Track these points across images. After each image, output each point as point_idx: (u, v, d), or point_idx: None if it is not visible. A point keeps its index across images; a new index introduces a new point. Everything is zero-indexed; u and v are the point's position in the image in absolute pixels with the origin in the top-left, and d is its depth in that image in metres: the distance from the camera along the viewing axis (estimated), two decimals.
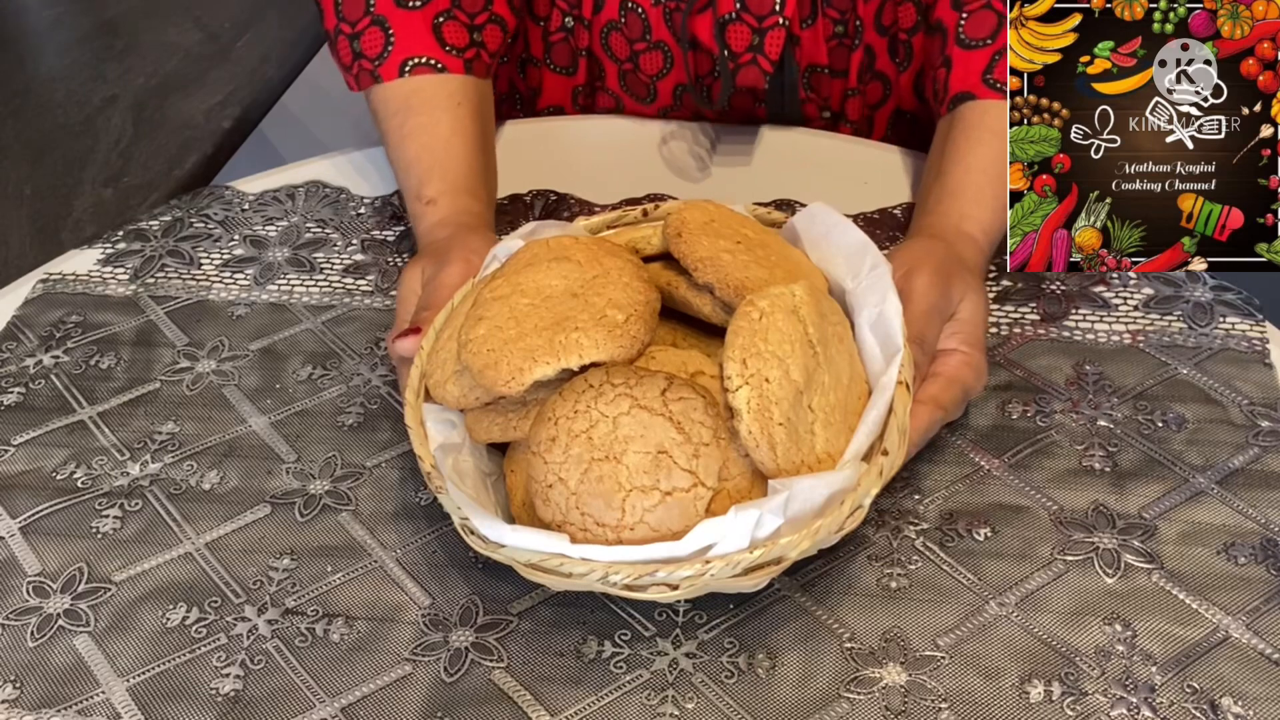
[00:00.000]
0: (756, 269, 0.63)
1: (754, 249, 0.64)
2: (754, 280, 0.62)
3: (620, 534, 0.57)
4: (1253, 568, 0.62)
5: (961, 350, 0.67)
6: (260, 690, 0.60)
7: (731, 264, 0.63)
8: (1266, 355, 0.72)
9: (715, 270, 0.63)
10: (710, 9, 0.87)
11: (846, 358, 0.63)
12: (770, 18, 0.86)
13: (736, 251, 0.64)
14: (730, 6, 0.86)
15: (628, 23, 0.90)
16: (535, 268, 0.64)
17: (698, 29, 0.89)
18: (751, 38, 0.87)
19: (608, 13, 0.91)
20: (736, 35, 0.88)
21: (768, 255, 0.65)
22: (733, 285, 0.62)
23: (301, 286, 0.83)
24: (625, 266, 0.64)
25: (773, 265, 0.64)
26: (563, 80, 0.97)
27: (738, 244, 0.64)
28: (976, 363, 0.67)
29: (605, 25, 0.92)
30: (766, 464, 0.58)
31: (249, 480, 0.70)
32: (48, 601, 0.65)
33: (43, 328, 0.82)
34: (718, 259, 0.63)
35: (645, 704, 0.58)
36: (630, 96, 0.96)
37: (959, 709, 0.57)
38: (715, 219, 0.66)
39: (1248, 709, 0.56)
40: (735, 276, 0.62)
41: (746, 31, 0.87)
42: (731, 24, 0.87)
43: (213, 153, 1.12)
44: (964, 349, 0.67)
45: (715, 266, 0.63)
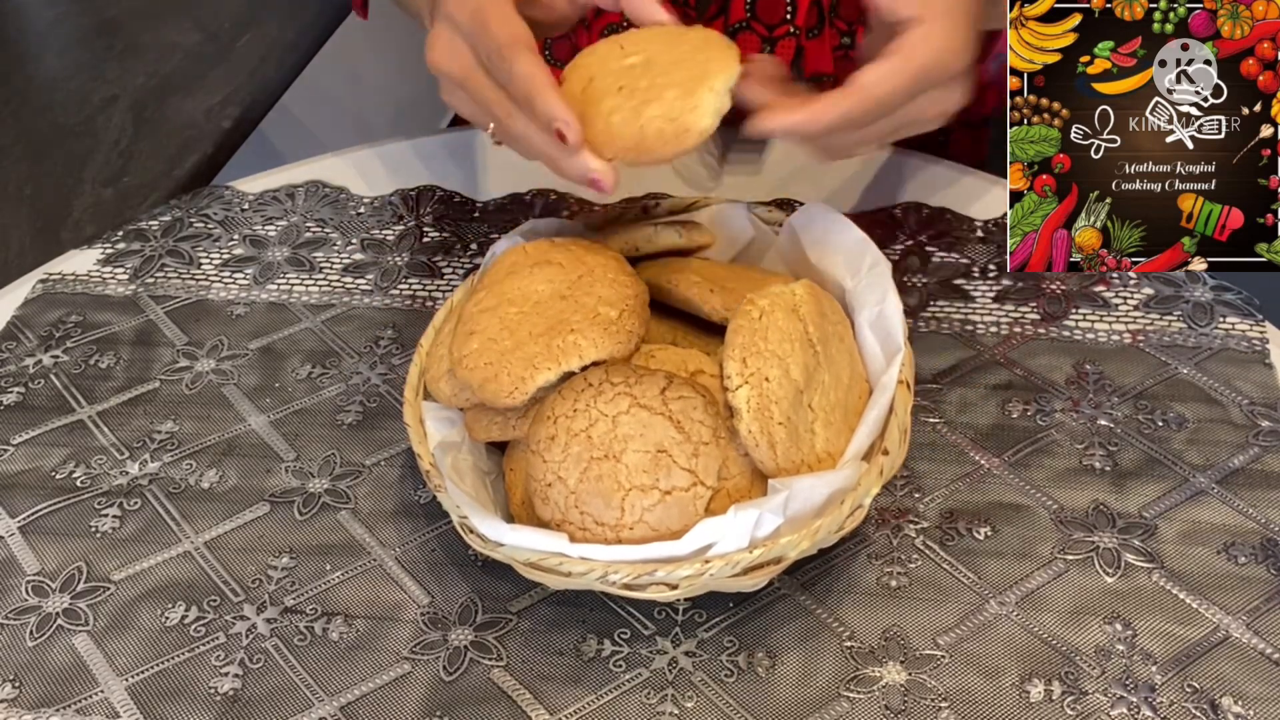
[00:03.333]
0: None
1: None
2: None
3: (619, 533, 0.57)
4: (1253, 567, 0.62)
5: (917, 20, 0.59)
6: (259, 689, 0.60)
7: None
8: (1266, 355, 0.72)
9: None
10: (721, 17, 0.87)
11: (847, 357, 0.63)
12: (781, 26, 0.86)
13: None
14: (741, 15, 0.86)
15: (630, 26, 0.90)
16: (518, 275, 0.64)
17: None
18: (761, 46, 0.87)
19: (611, 14, 0.91)
20: (746, 44, 0.87)
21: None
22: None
23: (301, 286, 0.83)
24: (608, 263, 0.64)
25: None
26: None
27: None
28: (935, 32, 0.59)
29: (606, 28, 0.91)
30: (766, 463, 0.58)
31: (248, 479, 0.70)
32: (47, 601, 0.65)
33: (42, 327, 0.82)
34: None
35: (645, 703, 0.58)
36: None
37: (959, 708, 0.57)
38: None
39: (1248, 709, 0.56)
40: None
41: (756, 40, 0.87)
42: (741, 32, 0.87)
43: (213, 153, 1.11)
44: (922, 15, 0.59)
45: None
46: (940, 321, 0.76)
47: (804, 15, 0.86)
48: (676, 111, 0.58)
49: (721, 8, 0.86)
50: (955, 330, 0.75)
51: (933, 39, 0.59)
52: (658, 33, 0.63)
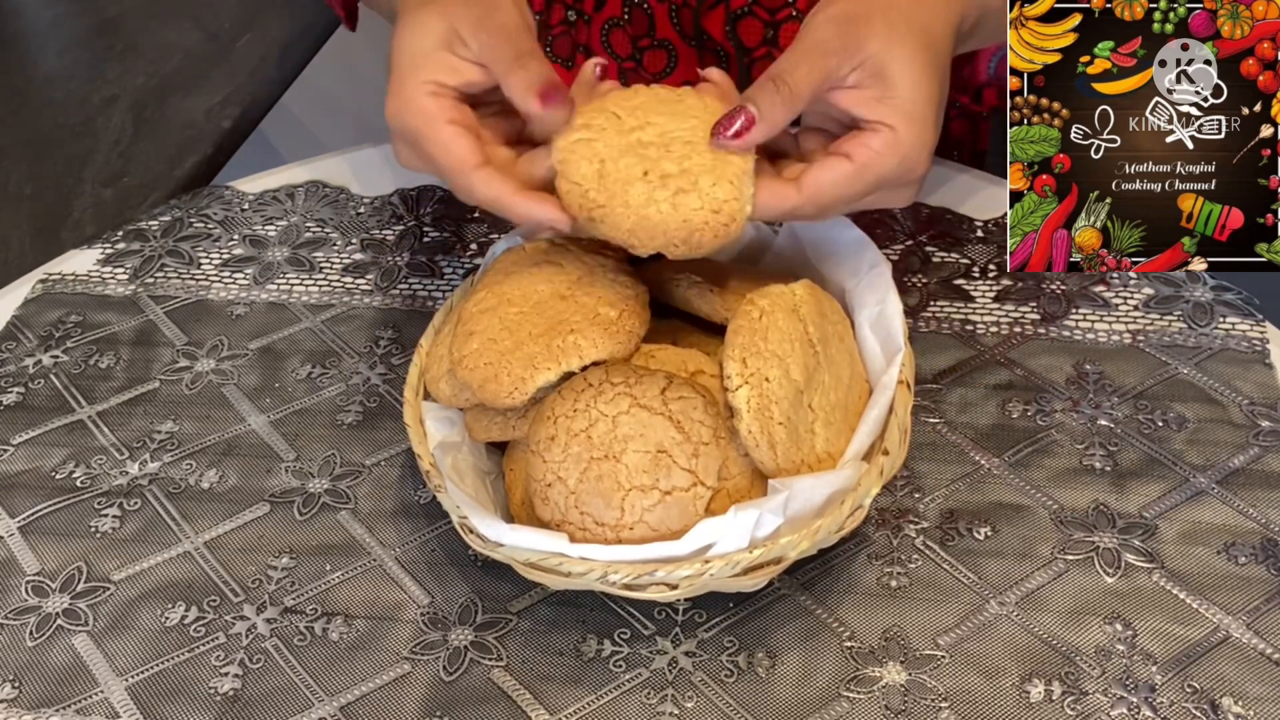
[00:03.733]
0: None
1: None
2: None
3: (619, 533, 0.57)
4: (1253, 568, 0.62)
5: (885, 125, 0.58)
6: (259, 689, 0.60)
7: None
8: (1266, 355, 0.72)
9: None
10: (722, 4, 0.87)
11: (847, 357, 0.63)
12: (783, 10, 0.86)
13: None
14: (742, 1, 0.86)
15: (632, 19, 0.89)
16: (518, 275, 0.64)
17: (710, 25, 0.88)
18: (764, 31, 0.87)
19: (610, 9, 0.90)
20: (748, 30, 0.87)
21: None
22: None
23: (301, 286, 0.83)
24: (608, 262, 0.64)
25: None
26: (561, 71, 0.97)
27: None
28: (904, 141, 0.58)
29: (607, 22, 0.91)
30: (766, 463, 0.58)
31: (248, 479, 0.70)
32: (47, 601, 0.65)
33: (42, 328, 0.82)
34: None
35: (645, 703, 0.58)
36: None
37: (959, 708, 0.57)
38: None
39: (1248, 709, 0.56)
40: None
41: (759, 26, 0.87)
42: (743, 19, 0.87)
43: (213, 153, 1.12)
44: (890, 121, 0.58)
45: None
46: (940, 321, 0.76)
47: None
48: (718, 203, 0.57)
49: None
50: (955, 330, 0.75)
51: (898, 147, 0.58)
52: (651, 98, 0.61)
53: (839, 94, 0.59)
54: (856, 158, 0.58)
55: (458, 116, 0.60)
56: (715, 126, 0.58)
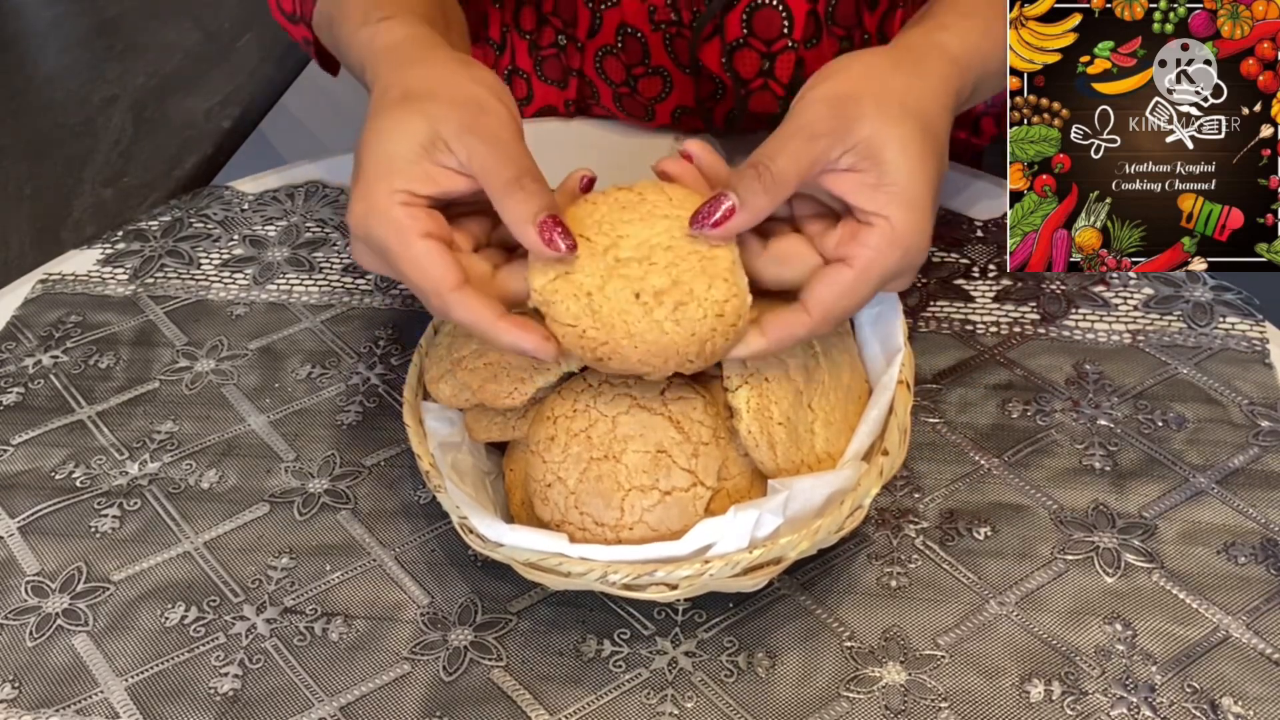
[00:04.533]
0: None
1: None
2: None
3: (619, 533, 0.57)
4: (1253, 568, 0.62)
5: (882, 216, 0.55)
6: (259, 689, 0.60)
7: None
8: (1266, 355, 0.72)
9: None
10: (718, 36, 0.86)
11: (846, 357, 0.63)
12: (779, 40, 0.85)
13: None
14: (738, 32, 0.85)
15: (625, 47, 0.88)
16: None
17: (706, 58, 0.87)
18: (761, 63, 0.86)
19: (603, 36, 0.89)
20: (745, 62, 0.86)
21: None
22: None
23: (301, 286, 0.83)
24: None
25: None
26: (554, 90, 0.96)
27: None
28: (905, 235, 0.55)
29: (600, 50, 0.90)
30: (766, 463, 0.58)
31: (248, 479, 0.70)
32: (46, 601, 0.65)
33: (42, 328, 0.82)
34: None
35: (644, 703, 0.58)
36: (626, 116, 0.94)
37: (959, 708, 0.57)
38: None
39: (1248, 709, 0.56)
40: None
41: (755, 57, 0.86)
42: (739, 50, 0.86)
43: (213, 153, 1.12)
44: (887, 213, 0.55)
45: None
46: (940, 321, 0.76)
47: (801, 28, 0.84)
48: (720, 305, 0.55)
49: (717, 28, 0.86)
50: (955, 330, 0.75)
51: (898, 241, 0.56)
52: (612, 206, 0.58)
53: (831, 177, 0.57)
54: (857, 263, 0.56)
55: (432, 228, 0.56)
56: (695, 215, 0.55)
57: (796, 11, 0.84)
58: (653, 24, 0.87)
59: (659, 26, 0.87)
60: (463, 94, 0.58)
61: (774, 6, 0.84)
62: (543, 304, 0.56)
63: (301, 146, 1.69)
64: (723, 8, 0.84)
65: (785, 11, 0.84)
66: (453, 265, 0.55)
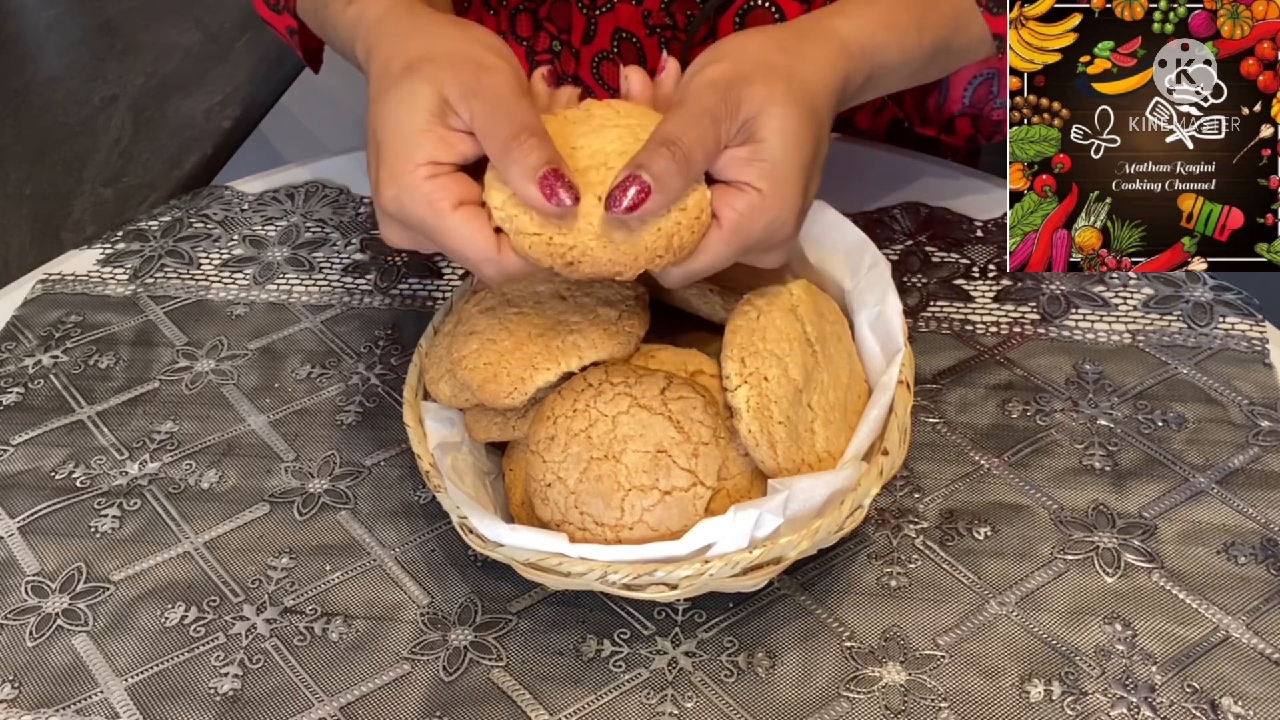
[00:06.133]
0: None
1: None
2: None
3: (619, 533, 0.57)
4: (1253, 568, 0.62)
5: (753, 187, 0.56)
6: (259, 689, 0.60)
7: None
8: (1266, 355, 0.72)
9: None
10: (711, 39, 0.86)
11: (845, 356, 0.63)
12: None
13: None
14: (730, 32, 0.85)
15: (621, 52, 0.88)
16: None
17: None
18: None
19: (599, 43, 0.89)
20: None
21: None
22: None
23: (301, 286, 0.83)
24: None
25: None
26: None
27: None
28: (771, 206, 0.56)
29: (596, 55, 0.90)
30: (766, 463, 0.58)
31: (248, 479, 0.70)
32: (46, 601, 0.65)
33: (42, 328, 0.82)
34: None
35: (644, 703, 0.58)
36: None
37: (959, 708, 0.57)
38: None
39: (1248, 709, 0.56)
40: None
41: None
42: None
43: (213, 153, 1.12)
44: (757, 185, 0.56)
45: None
46: (940, 321, 0.76)
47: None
48: (681, 200, 0.55)
49: (711, 30, 0.85)
50: (955, 330, 0.75)
51: (767, 211, 0.56)
52: (561, 123, 0.58)
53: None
54: (724, 221, 0.56)
55: (463, 194, 0.56)
56: (609, 197, 0.54)
57: (789, 12, 0.84)
58: (647, 28, 0.87)
59: (654, 31, 0.87)
60: (462, 54, 0.57)
61: (766, 7, 0.84)
62: (505, 219, 0.55)
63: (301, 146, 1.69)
64: (716, 10, 0.84)
65: (778, 12, 0.84)
66: (489, 230, 0.55)
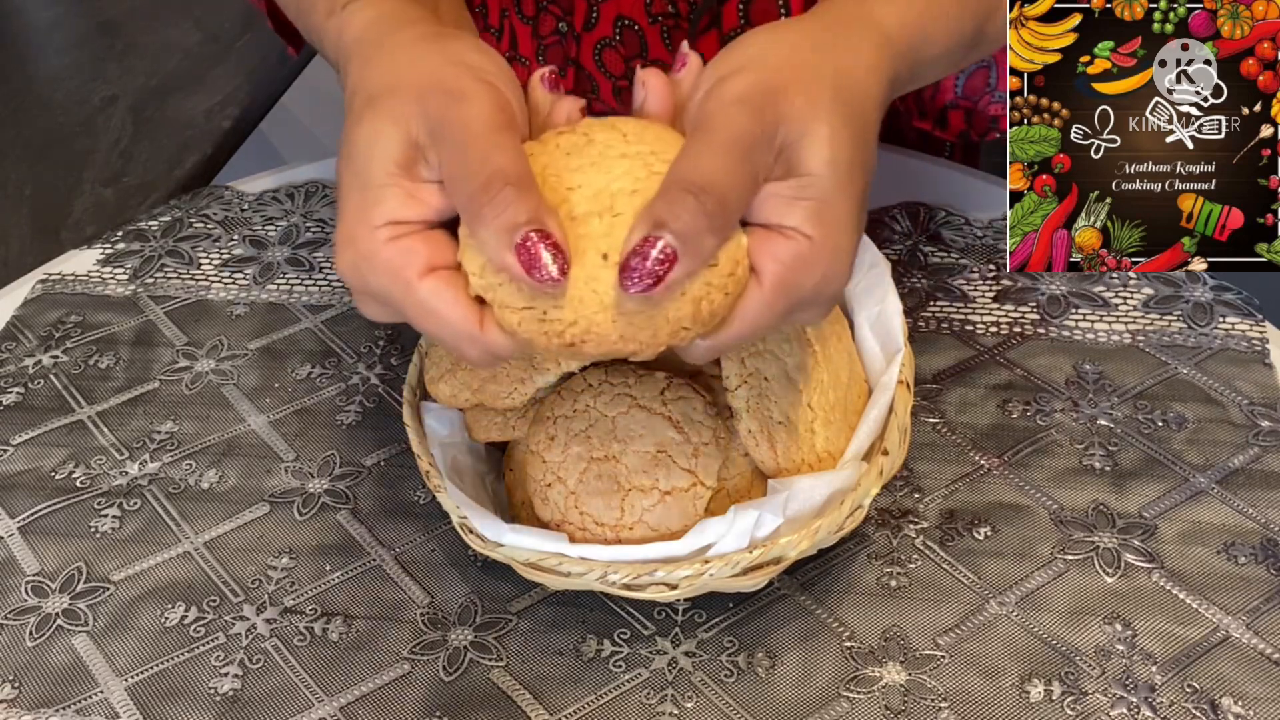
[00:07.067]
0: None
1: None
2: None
3: (619, 533, 0.57)
4: (1253, 568, 0.61)
5: (800, 233, 0.46)
6: (259, 689, 0.60)
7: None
8: (1266, 355, 0.72)
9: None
10: (714, 28, 0.86)
11: (845, 356, 0.63)
12: None
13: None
14: (735, 22, 0.84)
15: (623, 40, 0.88)
16: None
17: (705, 49, 0.86)
18: None
19: (601, 29, 0.89)
20: None
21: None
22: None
23: (301, 286, 0.83)
24: None
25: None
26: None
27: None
28: (823, 255, 0.46)
29: (599, 42, 0.89)
30: (766, 463, 0.58)
31: (248, 479, 0.70)
32: (46, 601, 0.65)
33: (42, 328, 0.82)
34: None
35: (644, 703, 0.58)
36: (626, 109, 0.93)
37: (959, 708, 0.57)
38: None
39: (1248, 709, 0.56)
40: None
41: None
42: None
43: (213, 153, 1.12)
44: (806, 230, 0.46)
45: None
46: (940, 321, 0.76)
47: (797, 14, 0.84)
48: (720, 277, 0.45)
49: (714, 19, 0.85)
50: (955, 330, 0.75)
51: (819, 262, 0.46)
52: (554, 154, 0.48)
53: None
54: (765, 276, 0.46)
55: (434, 258, 0.46)
56: (623, 268, 0.42)
57: (795, 1, 0.84)
58: (650, 16, 0.87)
59: (656, 19, 0.87)
60: (432, 81, 0.48)
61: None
62: (486, 288, 0.44)
63: (301, 146, 1.69)
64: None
65: (783, 4, 0.84)
66: (467, 302, 0.46)
